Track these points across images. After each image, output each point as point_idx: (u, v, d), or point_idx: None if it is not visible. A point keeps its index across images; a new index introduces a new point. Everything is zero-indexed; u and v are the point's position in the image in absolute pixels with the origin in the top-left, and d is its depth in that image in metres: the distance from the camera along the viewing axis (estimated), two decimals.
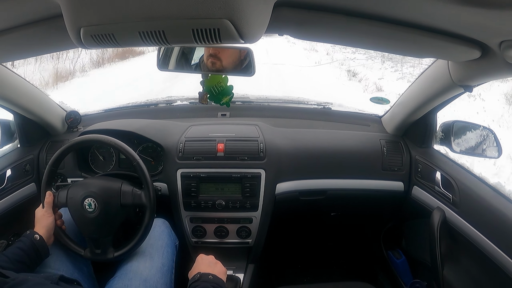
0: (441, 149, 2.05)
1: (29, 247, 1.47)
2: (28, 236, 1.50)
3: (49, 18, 1.01)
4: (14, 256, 1.42)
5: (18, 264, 1.41)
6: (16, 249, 1.44)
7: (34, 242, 1.49)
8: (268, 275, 2.65)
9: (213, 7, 0.71)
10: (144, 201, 1.68)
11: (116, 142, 1.73)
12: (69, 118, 2.32)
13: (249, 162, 2.03)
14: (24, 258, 1.44)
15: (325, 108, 2.60)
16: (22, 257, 1.43)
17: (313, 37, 1.20)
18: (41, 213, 1.63)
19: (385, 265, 2.54)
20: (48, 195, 1.66)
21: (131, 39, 0.85)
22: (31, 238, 1.50)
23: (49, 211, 1.64)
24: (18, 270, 1.38)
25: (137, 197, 1.69)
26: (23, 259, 1.44)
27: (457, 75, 1.46)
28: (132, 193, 1.69)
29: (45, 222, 1.61)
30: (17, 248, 1.45)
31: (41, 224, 1.60)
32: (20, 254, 1.44)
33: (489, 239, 1.56)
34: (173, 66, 1.82)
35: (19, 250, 1.44)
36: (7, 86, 1.82)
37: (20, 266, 1.42)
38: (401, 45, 1.17)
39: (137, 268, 1.63)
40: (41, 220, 1.61)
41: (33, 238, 1.50)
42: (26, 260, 1.45)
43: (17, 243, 1.48)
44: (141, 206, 1.70)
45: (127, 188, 1.70)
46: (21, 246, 1.46)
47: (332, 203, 2.28)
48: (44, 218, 1.61)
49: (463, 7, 0.76)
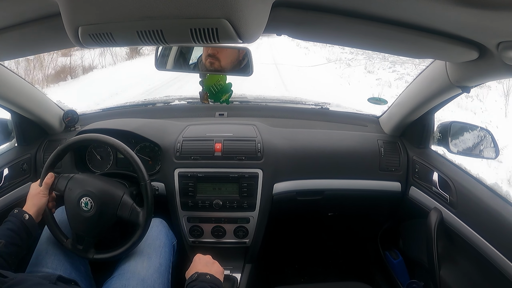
0: (438, 149, 2.05)
1: (19, 228, 1.47)
2: (17, 216, 1.49)
3: (47, 17, 1.01)
4: (5, 238, 1.41)
5: (10, 247, 1.40)
6: (7, 231, 1.44)
7: (23, 222, 1.49)
8: (265, 275, 2.66)
9: (211, 6, 0.71)
10: (140, 221, 1.68)
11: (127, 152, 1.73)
12: (67, 117, 2.31)
13: (247, 162, 2.03)
14: (16, 239, 1.43)
15: (322, 108, 2.60)
16: (13, 239, 1.43)
17: (311, 37, 1.20)
18: (36, 191, 1.63)
19: (382, 265, 2.55)
20: (50, 176, 1.67)
21: (129, 38, 0.84)
22: (20, 218, 1.49)
23: (45, 191, 1.64)
24: (11, 253, 1.38)
25: (134, 214, 1.69)
26: (15, 241, 1.43)
27: (455, 76, 1.47)
28: (131, 208, 1.69)
29: (38, 201, 1.61)
30: (8, 230, 1.44)
31: (33, 201, 1.60)
32: (11, 236, 1.43)
33: (486, 239, 1.57)
34: (171, 65, 1.83)
35: (10, 232, 1.44)
36: (5, 84, 1.81)
37: (12, 248, 1.41)
38: (399, 45, 1.17)
39: (134, 268, 1.64)
40: (34, 198, 1.61)
41: (23, 218, 1.49)
42: (18, 241, 1.44)
43: (6, 223, 1.47)
44: (136, 224, 1.69)
45: (128, 201, 1.70)
46: (11, 226, 1.45)
47: (330, 203, 2.29)
48: (38, 197, 1.61)
49: (461, 8, 0.76)
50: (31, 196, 1.62)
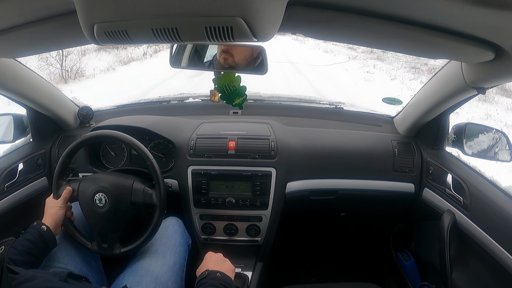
0: (453, 151, 2.03)
1: (37, 238, 1.49)
2: (35, 228, 1.52)
3: (62, 14, 1.02)
4: (23, 248, 1.43)
5: (27, 256, 1.43)
6: (25, 241, 1.46)
7: (41, 233, 1.51)
8: (276, 274, 2.66)
9: (227, 5, 0.71)
10: (155, 201, 1.69)
11: (130, 140, 1.74)
12: (82, 113, 2.34)
13: (260, 160, 2.03)
14: (33, 249, 1.46)
15: (337, 107, 2.60)
16: (30, 249, 1.45)
17: (326, 36, 1.20)
18: (52, 204, 1.65)
19: (394, 267, 2.53)
20: (68, 192, 1.68)
21: (144, 36, 0.85)
22: (38, 229, 1.52)
23: (62, 204, 1.66)
24: (27, 262, 1.40)
25: (148, 196, 1.70)
26: (32, 251, 1.45)
27: (471, 76, 1.45)
28: (144, 191, 1.71)
29: (55, 213, 1.62)
30: (25, 240, 1.46)
31: (50, 214, 1.62)
32: (29, 246, 1.45)
33: (499, 243, 1.55)
34: (186, 63, 1.83)
35: (27, 242, 1.46)
36: (21, 81, 1.84)
37: (29, 258, 1.43)
38: (414, 45, 1.16)
39: (148, 266, 1.65)
40: (51, 211, 1.63)
41: (40, 229, 1.52)
42: (35, 251, 1.46)
43: (25, 234, 1.49)
44: (151, 205, 1.71)
45: (139, 186, 1.71)
46: (29, 237, 1.48)
47: (342, 203, 2.28)
48: (54, 210, 1.63)
49: (477, 8, 0.75)
50: (48, 210, 1.64)
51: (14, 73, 1.77)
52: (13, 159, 2.01)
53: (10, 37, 1.12)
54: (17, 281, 1.07)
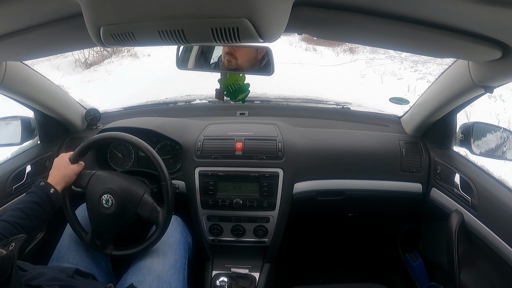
0: (460, 150, 2.02)
1: (45, 201, 1.48)
2: (43, 190, 1.51)
3: (69, 17, 1.02)
4: (32, 212, 1.43)
5: (35, 220, 1.42)
6: (33, 204, 1.45)
7: (49, 196, 1.51)
8: (283, 275, 2.66)
9: (232, 6, 0.71)
10: (160, 221, 1.69)
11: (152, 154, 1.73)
12: (89, 115, 2.35)
13: (267, 161, 2.03)
14: (41, 213, 1.46)
15: (344, 108, 2.59)
16: (38, 212, 1.45)
17: (332, 36, 1.20)
18: (66, 160, 1.68)
19: (402, 267, 2.53)
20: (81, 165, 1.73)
21: (151, 38, 0.85)
22: (47, 192, 1.51)
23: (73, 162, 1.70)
24: (35, 226, 1.40)
25: (154, 214, 1.70)
26: (40, 214, 1.45)
27: (478, 75, 1.44)
28: (151, 207, 1.71)
29: (66, 171, 1.65)
30: (34, 203, 1.45)
31: (60, 171, 1.64)
32: (37, 209, 1.45)
33: (508, 243, 1.54)
34: (192, 65, 1.84)
35: (36, 206, 1.45)
36: (28, 83, 1.84)
37: (37, 222, 1.43)
38: (420, 44, 1.15)
39: (150, 265, 1.66)
40: (62, 167, 1.66)
41: (49, 191, 1.51)
42: (42, 214, 1.46)
43: (33, 196, 1.48)
44: (155, 223, 1.71)
45: (148, 200, 1.72)
46: (37, 200, 1.47)
47: (350, 203, 2.27)
48: (63, 172, 1.65)
49: (484, 6, 0.75)
50: (59, 166, 1.65)
51: (22, 76, 1.77)
52: (21, 161, 2.02)
53: (18, 40, 1.13)
54: (26, 278, 1.08)
